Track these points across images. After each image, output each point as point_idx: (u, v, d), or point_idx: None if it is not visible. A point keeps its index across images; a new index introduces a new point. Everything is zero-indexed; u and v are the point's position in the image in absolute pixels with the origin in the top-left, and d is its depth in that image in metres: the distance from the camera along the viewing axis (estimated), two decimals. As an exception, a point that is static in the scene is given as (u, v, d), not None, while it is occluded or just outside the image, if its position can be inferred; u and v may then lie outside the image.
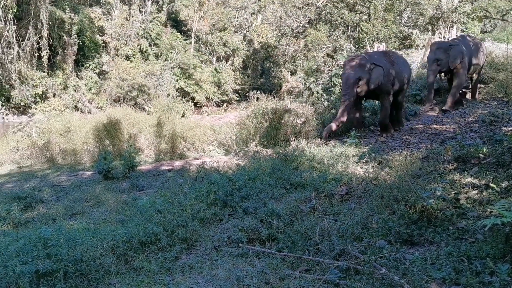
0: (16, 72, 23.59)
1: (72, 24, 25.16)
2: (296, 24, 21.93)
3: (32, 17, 23.56)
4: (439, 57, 9.45)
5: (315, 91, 11.99)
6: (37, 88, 24.34)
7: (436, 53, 9.52)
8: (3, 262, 3.01)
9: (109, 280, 2.91)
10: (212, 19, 30.71)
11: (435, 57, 9.43)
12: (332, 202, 4.02)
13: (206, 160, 7.07)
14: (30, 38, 23.78)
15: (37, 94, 24.40)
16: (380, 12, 18.25)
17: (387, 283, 2.40)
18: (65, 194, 5.76)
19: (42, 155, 8.91)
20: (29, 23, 23.71)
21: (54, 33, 24.58)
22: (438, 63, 9.48)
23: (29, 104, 24.26)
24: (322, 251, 3.01)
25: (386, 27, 17.84)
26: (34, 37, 23.88)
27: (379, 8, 18.34)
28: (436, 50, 9.58)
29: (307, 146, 6.44)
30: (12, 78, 23.50)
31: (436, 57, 9.47)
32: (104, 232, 3.48)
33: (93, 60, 26.79)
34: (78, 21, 25.40)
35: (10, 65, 23.38)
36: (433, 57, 9.45)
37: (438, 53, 9.52)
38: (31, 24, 23.71)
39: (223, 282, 2.71)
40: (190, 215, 3.77)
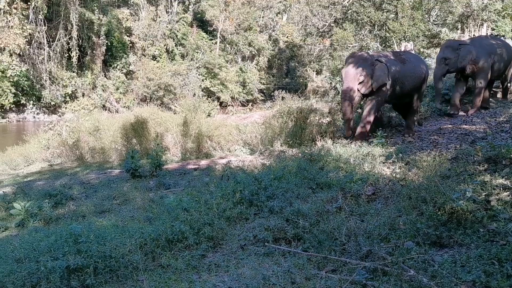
0: (47, 72, 24.22)
1: (100, 25, 25.70)
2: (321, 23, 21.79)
3: (62, 18, 24.15)
4: (448, 55, 8.99)
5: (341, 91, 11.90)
6: (67, 88, 24.95)
7: (445, 52, 9.09)
8: (35, 257, 3.09)
9: (137, 277, 2.96)
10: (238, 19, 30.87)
11: (443, 55, 9.01)
12: (358, 202, 3.98)
13: (231, 159, 7.11)
14: (60, 39, 24.39)
15: (67, 94, 25.02)
16: (407, 10, 17.98)
17: (416, 285, 2.37)
18: (94, 191, 5.88)
19: (71, 153, 9.12)
20: (59, 24, 24.31)
21: (84, 34, 25.15)
22: (446, 62, 9.00)
23: (59, 103, 24.89)
24: (348, 252, 2.99)
25: (413, 25, 17.57)
26: (64, 38, 24.48)
27: (407, 6, 18.08)
28: (445, 48, 9.18)
29: (333, 146, 6.41)
30: (43, 78, 24.14)
31: (444, 55, 9.02)
32: (132, 230, 3.54)
33: (121, 60, 27.30)
34: (106, 22, 25.94)
35: (41, 65, 24.03)
36: (441, 55, 9.06)
37: (446, 51, 9.09)
38: (61, 25, 24.30)
39: (249, 281, 2.72)
40: (216, 213, 3.80)
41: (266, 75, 33.12)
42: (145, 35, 28.35)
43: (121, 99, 26.60)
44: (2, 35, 21.95)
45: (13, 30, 22.13)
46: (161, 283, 2.87)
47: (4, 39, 21.93)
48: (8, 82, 22.36)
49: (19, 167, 8.88)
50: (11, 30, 22.12)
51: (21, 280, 2.84)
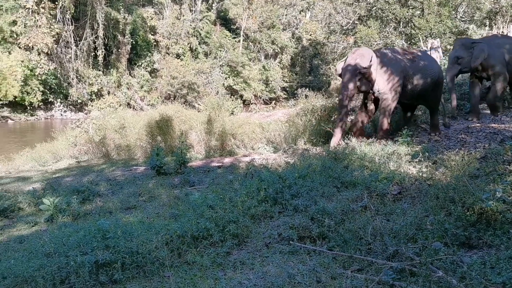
0: (74, 71, 24.70)
1: (126, 24, 26.06)
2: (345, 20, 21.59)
3: (88, 18, 24.58)
4: (460, 54, 8.47)
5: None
6: (93, 86, 25.39)
7: (458, 51, 8.58)
8: (64, 252, 3.16)
9: (164, 273, 2.99)
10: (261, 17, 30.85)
11: (455, 54, 8.52)
12: (384, 202, 3.94)
13: (255, 157, 7.12)
14: (86, 38, 24.83)
15: (93, 92, 25.46)
16: (434, 6, 17.64)
17: (445, 286, 2.34)
18: (120, 188, 5.97)
19: (98, 150, 9.27)
20: (86, 24, 24.74)
21: (109, 33, 25.55)
22: (458, 61, 8.50)
23: (86, 101, 25.35)
24: (374, 251, 2.96)
25: (440, 22, 17.23)
26: (90, 37, 24.91)
27: (433, 2, 17.73)
28: (458, 47, 8.68)
29: (358, 144, 6.35)
30: (70, 77, 24.63)
31: (457, 54, 8.51)
32: (158, 226, 3.58)
33: (145, 58, 27.62)
34: (131, 21, 26.29)
35: (68, 64, 24.52)
36: (454, 54, 8.58)
37: (459, 50, 8.58)
38: (87, 24, 24.73)
39: (275, 279, 2.73)
40: (241, 211, 3.81)
41: (289, 73, 33.03)
42: (169, 34, 28.60)
43: (146, 97, 26.91)
44: (30, 34, 22.46)
45: (41, 29, 22.62)
46: (187, 279, 2.90)
47: (32, 38, 22.44)
48: (36, 81, 22.88)
49: (48, 163, 9.07)
50: (39, 29, 22.61)
51: (51, 275, 2.91)
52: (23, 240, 4.16)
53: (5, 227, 4.67)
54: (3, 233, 4.48)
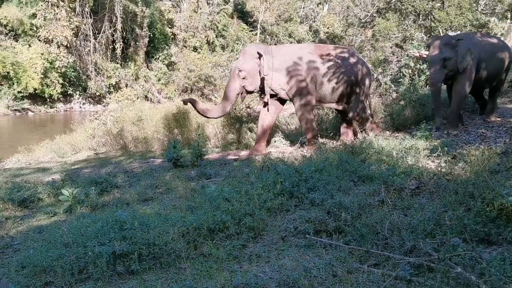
0: (92, 64, 24.99)
1: (143, 17, 26.23)
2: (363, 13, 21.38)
3: (107, 11, 24.80)
4: (448, 55, 7.07)
5: (382, 82, 11.66)
6: (111, 78, 25.67)
7: (444, 51, 7.12)
8: (83, 242, 3.20)
9: (180, 265, 3.01)
10: (278, 10, 30.75)
11: (442, 56, 7.07)
12: (401, 196, 3.90)
13: (271, 150, 7.11)
14: (105, 31, 25.08)
15: (111, 85, 25.74)
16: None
17: (463, 282, 2.30)
18: (137, 180, 6.02)
19: (116, 142, 9.37)
20: (104, 17, 24.97)
21: (127, 26, 25.75)
22: (445, 64, 7.13)
23: (104, 94, 25.64)
24: (391, 246, 2.93)
25: (461, 14, 16.93)
26: (109, 30, 25.16)
27: (454, -6, 17.44)
28: (443, 46, 7.19)
29: (375, 138, 6.29)
30: (88, 69, 24.93)
31: (444, 55, 7.07)
32: (175, 218, 3.60)
33: (163, 51, 27.79)
34: (149, 14, 26.45)
35: (87, 57, 24.81)
36: (439, 55, 7.12)
37: (446, 50, 7.14)
38: (106, 17, 24.96)
39: (290, 272, 2.72)
40: (257, 204, 3.81)
41: (306, 66, 32.85)
42: (187, 27, 28.71)
43: (163, 90, 27.11)
44: (50, 27, 22.76)
45: (60, 22, 22.90)
46: (203, 271, 2.91)
47: (52, 31, 22.73)
48: (56, 73, 23.20)
49: (67, 155, 9.20)
50: (58, 22, 22.89)
51: (70, 264, 2.95)
52: (43, 230, 4.22)
53: (24, 217, 4.76)
54: (23, 223, 4.56)
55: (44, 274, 3.00)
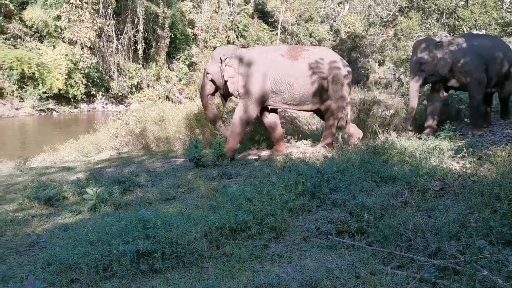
0: (115, 65, 25.36)
1: (165, 18, 26.49)
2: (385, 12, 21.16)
3: (129, 12, 25.13)
4: (424, 58, 7.03)
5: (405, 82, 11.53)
6: (133, 79, 25.99)
7: (420, 53, 7.08)
8: (107, 241, 3.25)
9: (202, 264, 3.03)
10: (299, 10, 30.67)
11: (417, 58, 7.07)
12: (425, 198, 3.84)
13: (292, 150, 7.09)
14: (127, 32, 25.41)
15: (133, 85, 26.06)
16: (479, -4, 17.03)
17: (490, 285, 2.26)
18: (160, 179, 6.08)
19: (138, 142, 9.48)
20: (126, 18, 25.31)
21: (149, 27, 26.05)
22: (422, 67, 7.07)
23: (126, 94, 25.97)
24: (415, 248, 2.90)
25: (485, 13, 16.61)
26: (131, 31, 25.49)
27: (478, -8, 17.12)
28: (420, 48, 7.15)
29: (397, 138, 6.22)
30: (111, 70, 25.30)
31: (419, 58, 7.05)
32: (197, 218, 3.63)
33: (184, 52, 28.00)
34: (170, 15, 26.69)
35: (109, 57, 25.18)
36: (415, 59, 7.12)
37: (422, 53, 7.09)
38: (128, 18, 25.30)
39: (313, 273, 2.71)
40: (279, 204, 3.81)
41: (327, 66, 32.68)
42: (207, 27, 28.86)
43: (184, 90, 27.30)
44: (74, 28, 23.16)
45: (84, 24, 23.29)
46: (225, 271, 2.92)
47: (76, 32, 23.13)
48: (79, 74, 23.61)
49: (90, 154, 9.35)
50: (82, 24, 23.28)
51: (95, 262, 3.00)
52: (68, 228, 4.30)
53: (50, 216, 4.85)
54: (48, 221, 4.64)
55: (70, 272, 3.05)
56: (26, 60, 21.68)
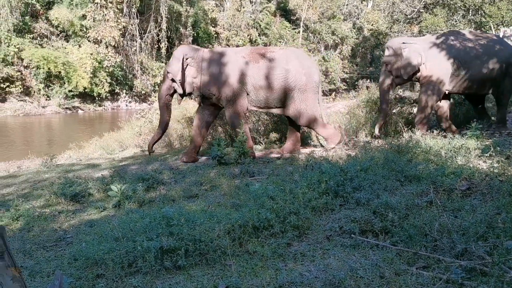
0: (138, 63, 25.66)
1: (188, 16, 26.67)
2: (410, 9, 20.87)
3: (153, 11, 25.38)
4: (388, 59, 7.11)
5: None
6: (156, 77, 26.23)
7: (385, 54, 7.14)
8: (132, 237, 3.29)
9: (225, 261, 3.05)
10: (321, 7, 30.47)
11: (383, 59, 7.21)
12: (451, 197, 3.78)
13: (315, 149, 7.06)
14: (150, 31, 25.68)
15: (156, 83, 26.27)
16: (507, -8, 16.63)
17: (518, 287, 2.22)
18: (182, 177, 6.13)
19: (161, 140, 9.54)
20: (150, 17, 25.57)
21: (172, 26, 26.28)
22: (388, 68, 7.14)
23: (149, 92, 26.24)
24: (441, 249, 2.85)
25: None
26: (154, 30, 25.74)
27: (507, -12, 16.72)
28: (386, 49, 7.18)
29: (422, 137, 6.13)
30: (135, 69, 25.60)
31: (385, 59, 7.17)
32: (220, 215, 3.64)
33: (206, 50, 28.08)
34: (193, 14, 26.85)
35: (133, 56, 25.50)
36: (383, 59, 7.24)
37: (387, 53, 7.14)
38: (152, 17, 25.55)
39: (336, 272, 2.69)
40: (301, 203, 3.80)
41: (350, 64, 32.44)
42: (230, 26, 28.92)
43: (206, 89, 27.38)
44: (99, 28, 23.51)
45: (108, 23, 23.62)
46: (248, 269, 2.93)
47: (101, 32, 23.48)
48: (104, 72, 23.95)
49: (115, 152, 9.48)
50: (107, 23, 23.62)
51: (120, 258, 3.05)
52: (93, 224, 4.37)
53: (76, 212, 4.94)
54: (74, 217, 4.74)
55: (96, 267, 3.11)
56: (52, 59, 22.11)
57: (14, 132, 17.65)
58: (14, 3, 21.63)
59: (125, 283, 2.87)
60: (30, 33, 23.28)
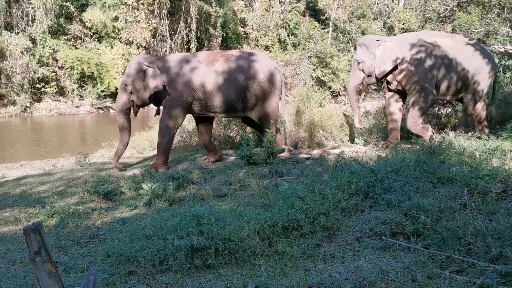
0: (169, 63, 25.95)
1: (217, 17, 26.85)
2: (443, 7, 20.38)
3: (183, 12, 25.66)
4: (361, 57, 6.90)
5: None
6: (186, 77, 26.50)
7: (358, 52, 6.97)
8: (163, 235, 3.34)
9: (255, 261, 3.06)
10: (351, 7, 30.18)
11: (355, 57, 7.01)
12: (486, 200, 3.68)
13: (344, 149, 7.00)
14: (180, 32, 25.97)
15: (186, 84, 26.58)
16: (546, -11, 16.07)
17: (557, 294, 2.15)
18: (212, 176, 6.17)
19: (191, 139, 9.65)
20: (180, 18, 25.87)
21: (202, 26, 26.51)
22: (360, 66, 6.92)
23: (179, 93, 26.57)
24: (475, 252, 2.79)
25: (553, 6, 15.66)
26: (184, 31, 26.03)
27: (545, -16, 16.16)
28: (359, 47, 7.01)
29: (455, 138, 6.00)
30: (165, 69, 25.92)
31: (357, 57, 6.97)
32: (249, 215, 3.65)
33: (235, 50, 28.23)
34: (222, 14, 27.01)
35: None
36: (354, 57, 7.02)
37: (359, 51, 6.97)
38: (182, 18, 25.85)
39: (367, 274, 2.67)
40: (331, 204, 3.77)
41: (380, 63, 31.95)
42: (259, 26, 28.97)
43: (235, 89, 27.51)
44: (130, 29, 23.93)
45: (140, 24, 24.01)
46: (278, 269, 2.93)
47: (132, 33, 23.90)
48: (135, 73, 24.31)
49: (145, 151, 9.63)
50: (138, 25, 24.02)
51: (151, 255, 3.10)
52: (125, 222, 4.46)
53: (109, 209, 5.05)
54: (107, 215, 4.84)
55: (128, 264, 3.17)
56: (86, 60, 22.63)
57: (49, 131, 18.16)
58: (49, 5, 22.22)
59: (157, 280, 2.92)
60: (64, 34, 23.89)
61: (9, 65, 20.89)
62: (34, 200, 5.69)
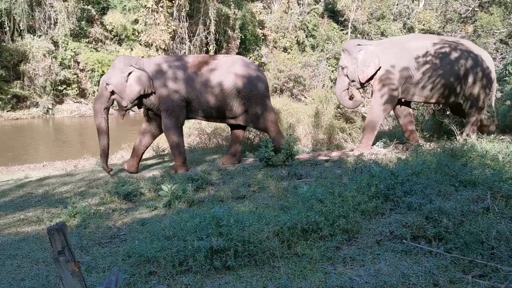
0: (187, 66, 26.11)
1: (236, 19, 26.93)
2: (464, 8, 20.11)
3: (202, 14, 25.81)
4: (344, 63, 6.91)
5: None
6: (204, 79, 26.65)
7: (341, 57, 7.00)
8: (183, 236, 3.37)
9: (274, 263, 3.06)
10: (370, 8, 29.92)
11: (339, 63, 6.98)
12: (509, 204, 3.62)
13: (364, 152, 6.95)
14: (199, 34, 26.12)
15: (204, 85, 26.73)
16: None
17: None
18: (231, 178, 6.19)
19: (209, 141, 9.71)
20: (199, 20, 26.03)
21: (220, 29, 26.62)
22: (344, 72, 6.93)
23: (198, 94, 26.72)
24: (499, 257, 2.74)
25: None
26: (203, 33, 26.17)
27: None
28: (343, 52, 7.02)
29: (478, 140, 5.91)
30: (184, 71, 26.10)
31: (340, 63, 6.98)
32: (269, 217, 3.65)
33: (253, 52, 28.19)
34: (241, 16, 27.08)
35: (182, 59, 26.00)
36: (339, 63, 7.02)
37: (342, 57, 6.99)
38: (200, 20, 26.00)
39: (387, 278, 2.65)
40: (351, 206, 3.75)
41: (400, 65, 31.60)
42: (277, 28, 28.96)
43: (253, 90, 27.53)
44: (150, 31, 24.16)
45: (159, 26, 24.22)
46: (297, 271, 2.93)
47: (151, 35, 24.12)
48: (154, 75, 24.54)
49: (165, 152, 9.70)
50: (157, 27, 24.22)
51: (171, 256, 3.12)
52: (145, 223, 4.50)
53: (129, 210, 5.10)
54: (127, 216, 4.89)
55: (148, 264, 3.20)
56: (106, 62, 22.91)
57: (70, 133, 18.46)
58: (71, 9, 22.58)
59: (177, 281, 2.94)
60: (85, 37, 24.24)
61: (32, 68, 21.27)
62: (56, 200, 5.80)
